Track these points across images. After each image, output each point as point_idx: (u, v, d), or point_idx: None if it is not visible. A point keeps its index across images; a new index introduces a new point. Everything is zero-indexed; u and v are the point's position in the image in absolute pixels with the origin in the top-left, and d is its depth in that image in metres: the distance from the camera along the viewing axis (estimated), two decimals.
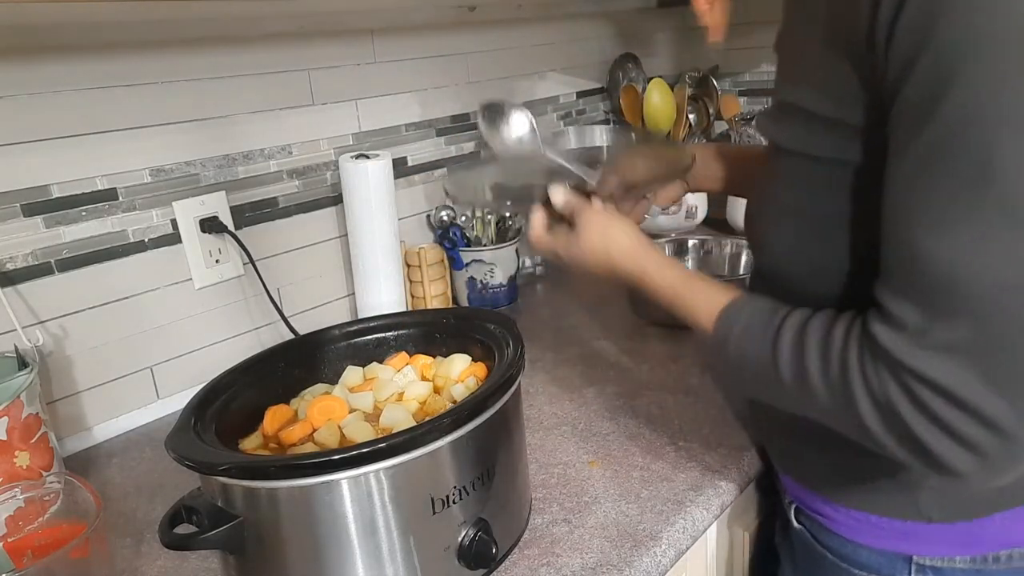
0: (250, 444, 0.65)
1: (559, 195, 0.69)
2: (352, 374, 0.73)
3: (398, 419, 0.65)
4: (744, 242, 1.24)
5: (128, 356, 0.97)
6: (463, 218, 1.27)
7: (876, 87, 0.47)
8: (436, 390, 0.70)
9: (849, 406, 0.49)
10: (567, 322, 1.20)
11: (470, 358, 0.72)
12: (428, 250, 1.21)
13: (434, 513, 0.57)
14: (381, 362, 0.76)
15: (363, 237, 1.09)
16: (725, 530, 0.82)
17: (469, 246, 1.25)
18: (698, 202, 1.55)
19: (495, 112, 0.81)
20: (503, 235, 1.28)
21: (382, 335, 0.77)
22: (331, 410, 0.66)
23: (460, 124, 1.35)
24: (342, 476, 0.54)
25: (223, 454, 0.56)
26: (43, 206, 0.87)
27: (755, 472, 0.79)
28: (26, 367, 0.78)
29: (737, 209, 1.45)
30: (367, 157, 1.08)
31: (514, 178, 0.87)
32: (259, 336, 1.10)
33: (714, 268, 1.31)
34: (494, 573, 0.64)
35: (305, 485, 0.54)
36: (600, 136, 1.52)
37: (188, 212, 0.99)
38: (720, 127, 1.64)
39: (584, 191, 0.71)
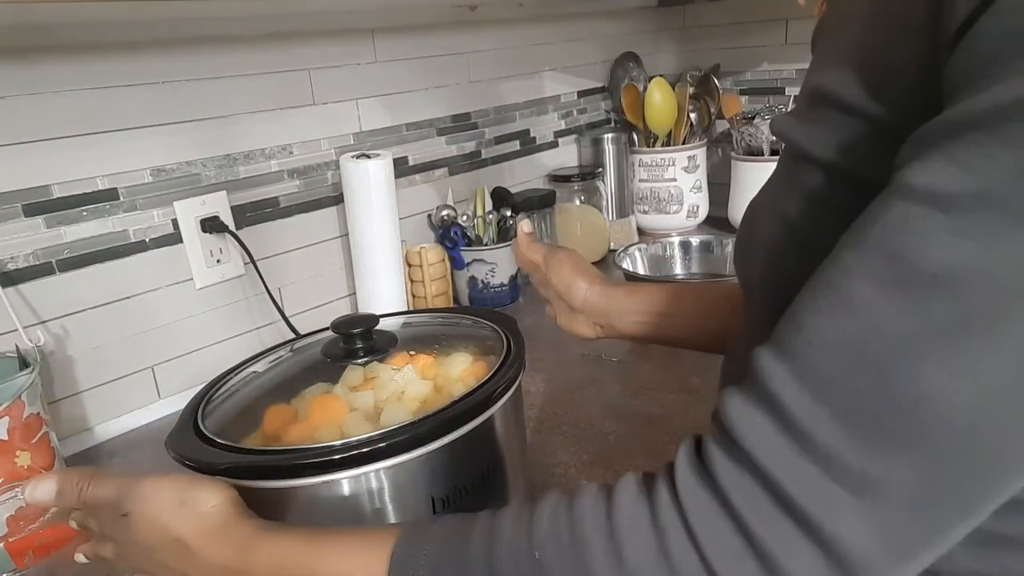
0: (250, 444, 0.65)
1: (43, 489, 0.48)
2: (353, 373, 0.73)
3: (399, 418, 0.64)
4: None
5: (129, 356, 0.97)
6: (464, 217, 1.27)
7: (931, 81, 0.32)
8: (437, 389, 0.70)
9: None
10: None
11: (471, 357, 0.72)
12: (429, 250, 1.20)
13: (434, 513, 0.57)
14: (382, 361, 0.76)
15: (364, 237, 1.09)
16: None
17: (470, 246, 1.25)
18: (700, 201, 1.55)
19: None
20: (504, 235, 1.28)
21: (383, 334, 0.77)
22: (331, 409, 0.66)
23: (461, 123, 1.35)
24: (342, 476, 0.54)
25: (223, 454, 0.56)
26: (44, 206, 0.87)
27: None
28: (27, 367, 0.78)
29: (739, 208, 1.45)
30: (368, 157, 1.08)
31: None
32: (260, 336, 1.10)
33: (715, 267, 1.31)
34: None
35: (305, 485, 0.54)
36: (607, 146, 1.52)
37: (189, 212, 0.99)
38: (721, 126, 1.64)
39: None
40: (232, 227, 1.03)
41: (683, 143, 1.53)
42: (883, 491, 0.30)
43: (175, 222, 0.99)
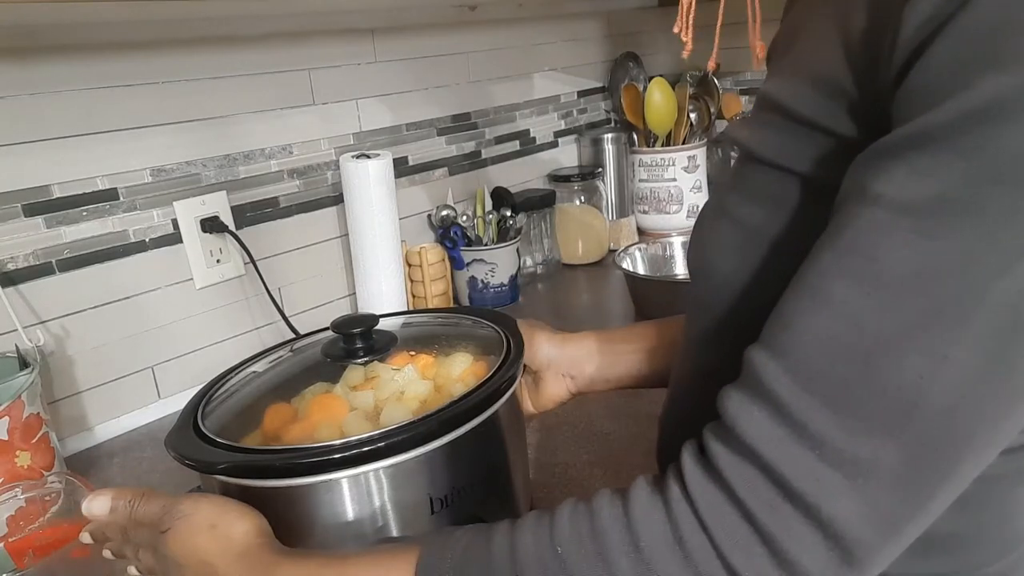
0: (250, 443, 0.65)
1: (99, 504, 0.50)
2: (353, 373, 0.73)
3: (399, 418, 0.64)
4: None
5: (129, 356, 0.97)
6: (464, 218, 1.27)
7: (874, 94, 0.35)
8: (437, 389, 0.70)
9: None
10: (568, 322, 1.20)
11: (471, 357, 0.72)
12: (429, 250, 1.20)
13: (433, 513, 0.57)
14: (382, 361, 0.75)
15: (364, 237, 1.09)
16: None
17: (470, 246, 1.25)
18: (700, 201, 1.55)
19: None
20: (504, 235, 1.28)
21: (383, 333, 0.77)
22: (331, 409, 0.66)
23: (461, 123, 1.35)
24: (342, 475, 0.54)
25: (223, 453, 0.56)
26: (44, 206, 0.87)
27: None
28: (27, 367, 0.79)
29: None
30: (368, 157, 1.08)
31: None
32: (260, 336, 1.10)
33: None
34: None
35: (305, 484, 0.54)
36: (607, 146, 1.52)
37: (189, 212, 0.99)
38: (721, 126, 1.64)
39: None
40: (232, 227, 1.03)
41: (683, 143, 1.53)
42: (872, 472, 0.32)
43: (175, 222, 0.99)
